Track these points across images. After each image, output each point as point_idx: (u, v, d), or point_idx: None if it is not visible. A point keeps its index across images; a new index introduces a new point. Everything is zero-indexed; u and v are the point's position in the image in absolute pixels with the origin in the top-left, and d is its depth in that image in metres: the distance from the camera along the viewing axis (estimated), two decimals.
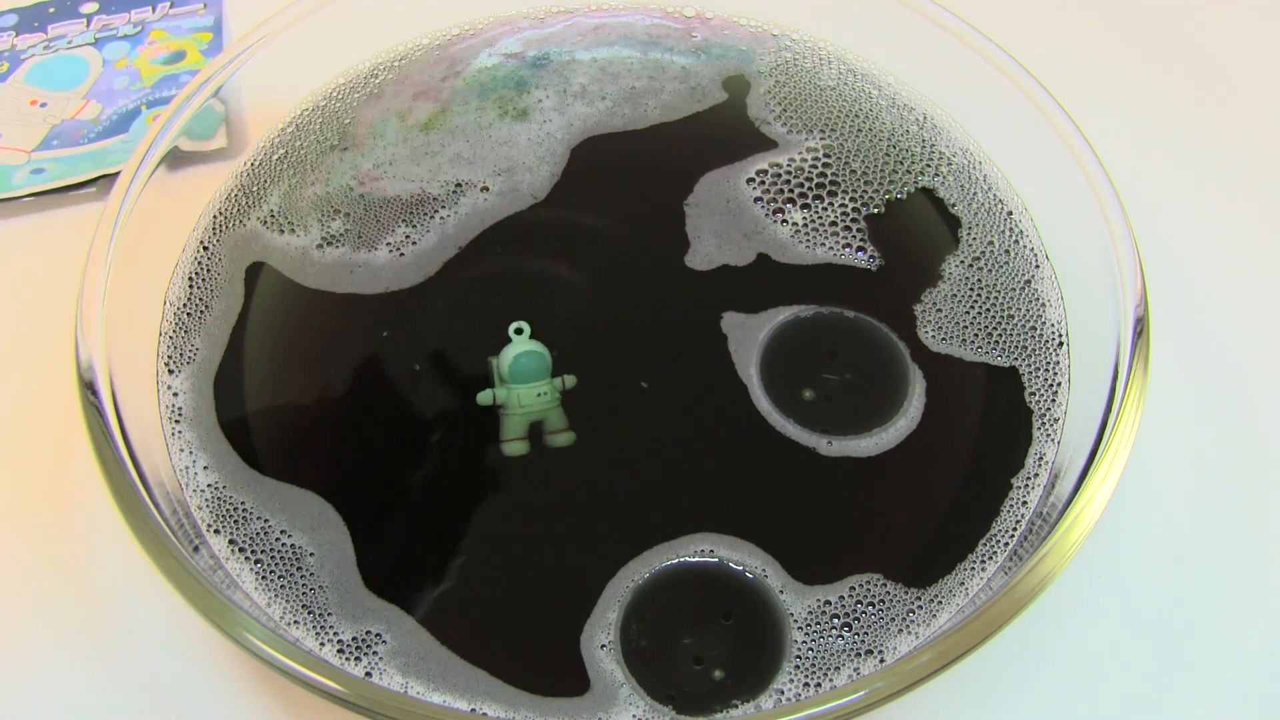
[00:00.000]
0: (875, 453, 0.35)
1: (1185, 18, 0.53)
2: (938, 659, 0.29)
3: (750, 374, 0.36)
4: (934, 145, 0.42)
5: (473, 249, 0.39)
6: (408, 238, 0.39)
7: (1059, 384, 0.36)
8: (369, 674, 0.31)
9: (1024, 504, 0.34)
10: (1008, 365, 0.37)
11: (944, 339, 0.37)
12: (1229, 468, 0.39)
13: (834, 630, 0.32)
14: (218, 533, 0.34)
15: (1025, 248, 0.39)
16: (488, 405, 0.35)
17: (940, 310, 0.38)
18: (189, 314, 0.38)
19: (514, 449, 0.35)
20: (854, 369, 0.37)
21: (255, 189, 0.41)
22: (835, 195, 0.40)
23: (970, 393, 0.36)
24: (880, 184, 0.40)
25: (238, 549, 0.33)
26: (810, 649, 0.32)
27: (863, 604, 0.32)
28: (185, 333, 0.37)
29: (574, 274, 0.39)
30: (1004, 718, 0.35)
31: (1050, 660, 0.36)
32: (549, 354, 0.36)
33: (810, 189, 0.40)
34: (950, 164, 0.41)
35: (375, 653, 0.32)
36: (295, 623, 0.32)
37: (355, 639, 0.32)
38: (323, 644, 0.32)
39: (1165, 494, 0.38)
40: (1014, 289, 0.38)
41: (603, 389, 0.36)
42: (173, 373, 0.36)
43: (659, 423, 0.36)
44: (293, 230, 0.40)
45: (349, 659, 0.32)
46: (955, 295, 0.38)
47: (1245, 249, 0.45)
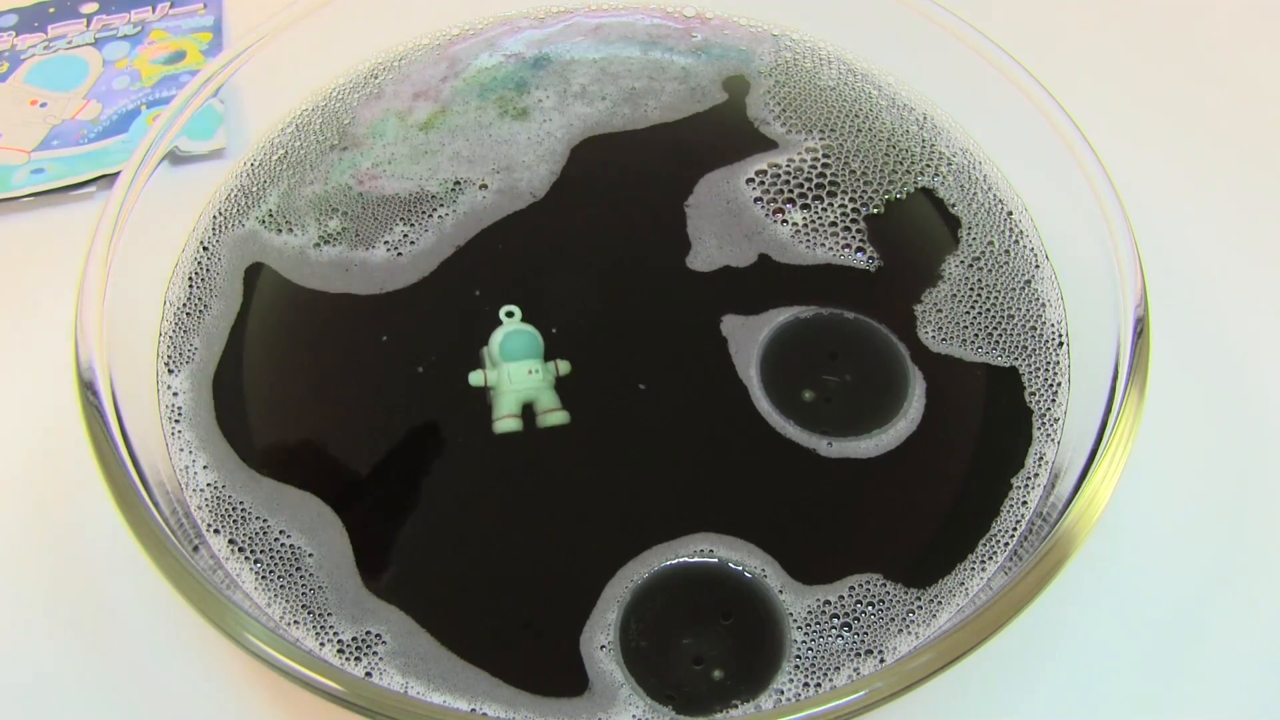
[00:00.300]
0: (875, 454, 0.35)
1: (1186, 18, 0.53)
2: (938, 659, 0.28)
3: (750, 375, 0.36)
4: (934, 145, 0.42)
5: (472, 248, 0.39)
6: (406, 236, 0.39)
7: (1059, 384, 0.36)
8: (369, 674, 0.31)
9: (1024, 504, 0.34)
10: (1008, 365, 0.37)
11: (944, 339, 0.37)
12: (1229, 467, 0.39)
13: (834, 630, 0.32)
14: (217, 532, 0.34)
15: (1025, 248, 0.39)
16: (479, 386, 0.36)
17: (940, 310, 0.38)
18: (188, 314, 0.38)
19: (504, 425, 0.35)
20: (854, 370, 0.37)
21: (255, 189, 0.41)
22: (835, 195, 0.40)
23: (970, 393, 0.36)
24: (880, 184, 0.40)
25: (237, 549, 0.33)
26: (810, 649, 0.32)
27: (863, 604, 0.32)
28: (185, 333, 0.37)
29: (575, 274, 0.39)
30: (1004, 718, 0.35)
31: (1050, 660, 0.36)
32: (539, 334, 0.36)
33: (810, 189, 0.40)
34: (950, 164, 0.41)
35: (375, 653, 0.32)
36: (295, 623, 0.32)
37: (355, 639, 0.32)
38: (323, 644, 0.32)
39: (1165, 494, 0.38)
40: (1014, 289, 0.38)
41: (603, 389, 0.36)
42: (172, 372, 0.36)
43: (659, 423, 0.36)
44: (290, 230, 0.40)
45: (349, 659, 0.31)
46: (955, 295, 0.38)
47: (1245, 249, 0.45)
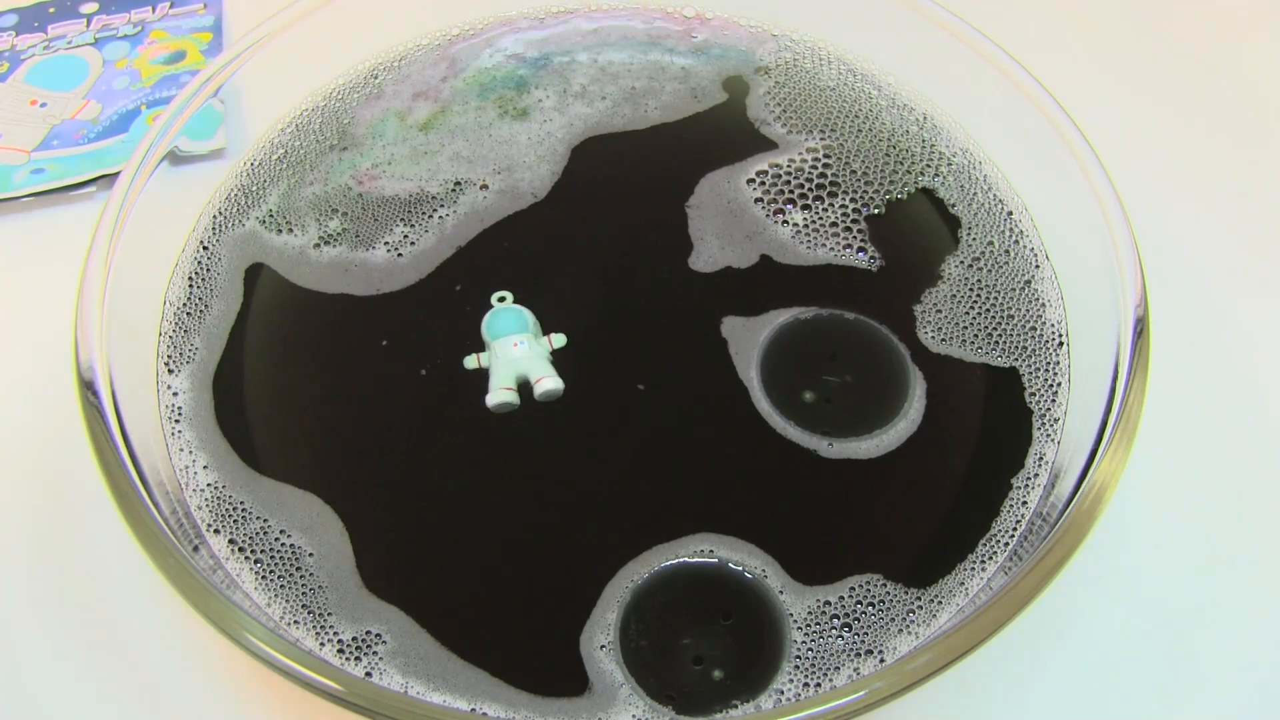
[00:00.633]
0: (875, 454, 0.35)
1: (1186, 18, 0.53)
2: (938, 659, 0.28)
3: (751, 376, 0.36)
4: (934, 145, 0.42)
5: (472, 249, 0.39)
6: (406, 237, 0.39)
7: (1059, 384, 0.36)
8: (369, 674, 0.31)
9: (1024, 504, 0.34)
10: (1008, 365, 0.37)
11: (944, 339, 0.37)
12: (1229, 467, 0.39)
13: (834, 630, 0.32)
14: (217, 532, 0.34)
15: (1025, 248, 0.39)
16: (474, 369, 0.36)
17: (940, 311, 0.38)
18: (189, 314, 0.38)
19: (496, 397, 0.35)
20: (854, 371, 0.37)
21: (255, 189, 0.41)
22: (835, 196, 0.40)
23: (970, 393, 0.36)
24: (880, 184, 0.40)
25: (237, 549, 0.33)
26: (810, 649, 0.31)
27: (863, 604, 0.32)
28: (185, 333, 0.37)
29: (576, 274, 0.39)
30: (1004, 718, 0.35)
31: (1050, 660, 0.36)
32: (528, 312, 0.37)
33: (810, 189, 0.40)
34: (950, 164, 0.41)
35: (375, 653, 0.32)
36: (295, 623, 0.32)
37: (355, 639, 0.32)
38: (323, 644, 0.32)
39: (1165, 494, 0.38)
40: (1014, 289, 0.38)
41: (605, 389, 0.36)
42: (172, 372, 0.36)
43: (659, 424, 0.36)
44: (290, 230, 0.40)
45: (349, 659, 0.31)
46: (955, 295, 0.38)
47: (1245, 249, 0.45)
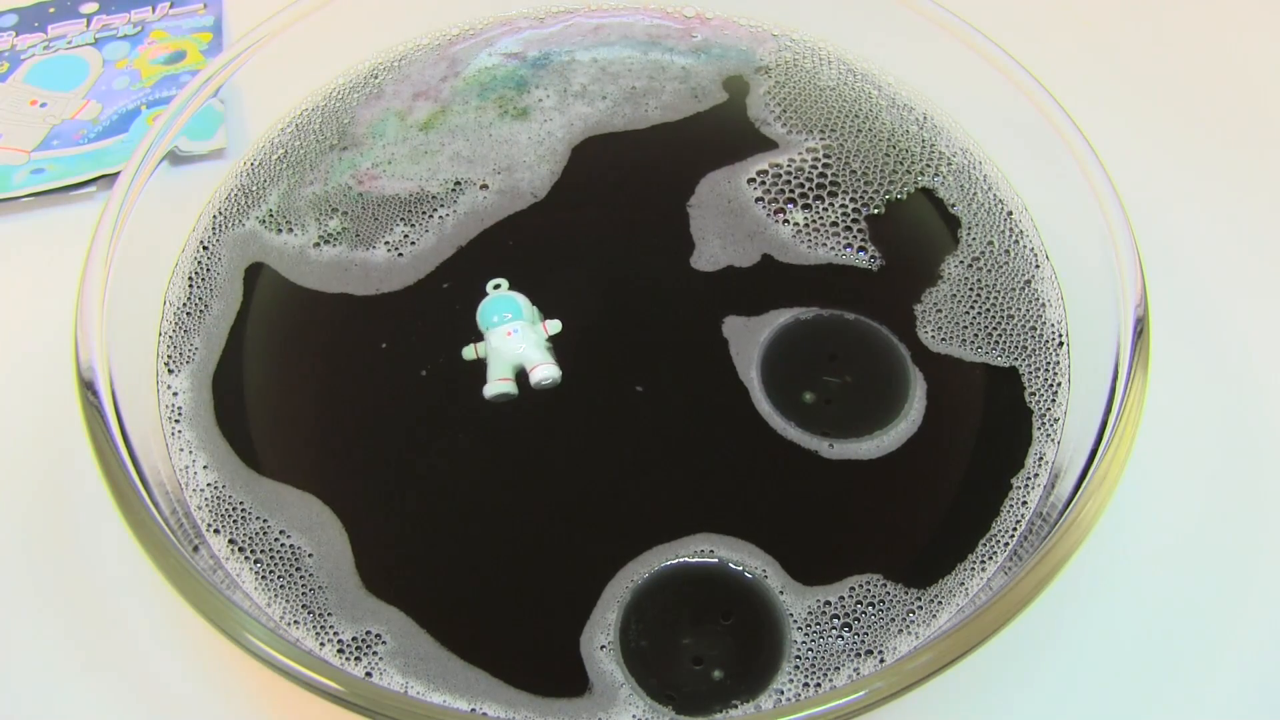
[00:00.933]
0: (876, 455, 0.35)
1: (1186, 18, 0.53)
2: (938, 659, 0.28)
3: (751, 377, 0.36)
4: (934, 145, 0.42)
5: (472, 248, 0.39)
6: (406, 237, 0.39)
7: (1059, 384, 0.36)
8: (369, 674, 0.31)
9: (1024, 504, 0.34)
10: (1008, 365, 0.37)
11: (944, 339, 0.37)
12: (1229, 467, 0.39)
13: (834, 630, 0.32)
14: (217, 532, 0.34)
15: (1025, 248, 0.39)
16: (471, 359, 0.36)
17: (940, 310, 0.38)
18: (188, 314, 0.38)
19: (495, 389, 0.35)
20: (854, 371, 0.37)
21: (255, 189, 0.41)
22: (836, 195, 0.40)
23: (970, 393, 0.36)
24: (880, 184, 0.40)
25: (237, 549, 0.33)
26: (810, 649, 0.31)
27: (863, 604, 0.32)
28: (185, 332, 0.37)
29: (577, 274, 0.39)
30: (1004, 718, 0.35)
31: (1050, 660, 0.36)
32: (523, 299, 0.37)
33: (811, 189, 0.40)
34: (950, 164, 0.41)
35: (375, 653, 0.32)
36: (295, 623, 0.32)
37: (355, 639, 0.32)
38: (323, 644, 0.32)
39: (1165, 494, 0.38)
40: (1014, 289, 0.38)
41: (606, 390, 0.36)
42: (172, 372, 0.36)
43: (660, 425, 0.36)
44: (290, 230, 0.40)
45: (349, 659, 0.31)
46: (955, 295, 0.38)
47: (1245, 249, 0.45)
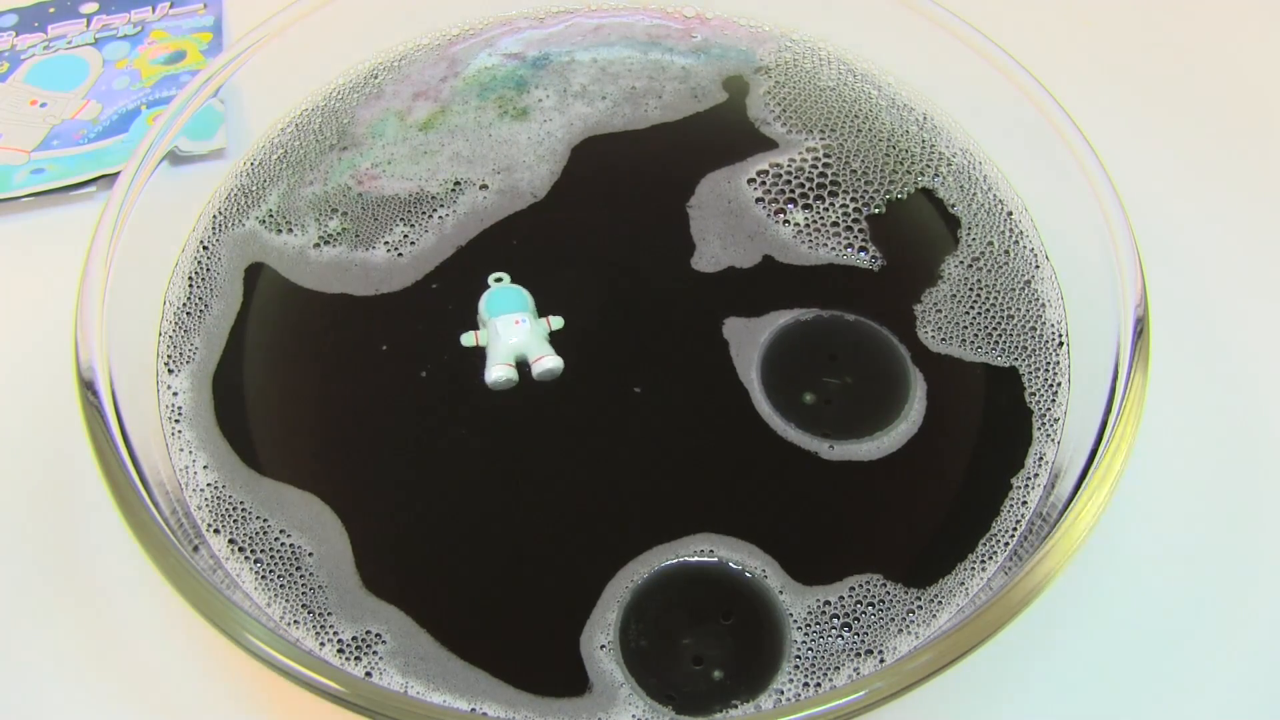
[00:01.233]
0: (876, 456, 0.35)
1: (1186, 18, 0.53)
2: (938, 659, 0.28)
3: (751, 378, 0.36)
4: (934, 145, 0.42)
5: (472, 248, 0.39)
6: (406, 237, 0.39)
7: (1059, 384, 0.36)
8: (369, 674, 0.31)
9: (1024, 504, 0.34)
10: (1008, 365, 0.37)
11: (944, 339, 0.37)
12: (1229, 467, 0.39)
13: (834, 630, 0.32)
14: (217, 532, 0.34)
15: (1025, 248, 0.39)
16: (470, 346, 0.36)
17: (940, 310, 0.38)
18: (188, 314, 0.38)
19: (497, 373, 0.35)
20: (855, 372, 0.37)
21: (255, 189, 0.41)
22: (836, 195, 0.40)
23: (970, 393, 0.36)
24: (880, 184, 0.40)
25: (237, 549, 0.33)
26: (810, 649, 0.31)
27: (863, 604, 0.32)
28: (185, 332, 0.37)
29: (577, 274, 0.39)
30: (1003, 718, 0.35)
31: (1050, 660, 0.36)
32: (526, 292, 0.37)
33: (811, 189, 0.40)
34: (950, 164, 0.41)
35: (375, 653, 0.32)
36: (295, 623, 0.32)
37: (355, 639, 0.32)
38: (323, 644, 0.32)
39: (1165, 494, 0.38)
40: (1014, 289, 0.38)
41: (606, 390, 0.36)
42: (172, 372, 0.36)
43: (660, 426, 0.36)
44: (290, 230, 0.40)
45: (349, 659, 0.31)
46: (955, 295, 0.38)
47: (1245, 249, 0.45)
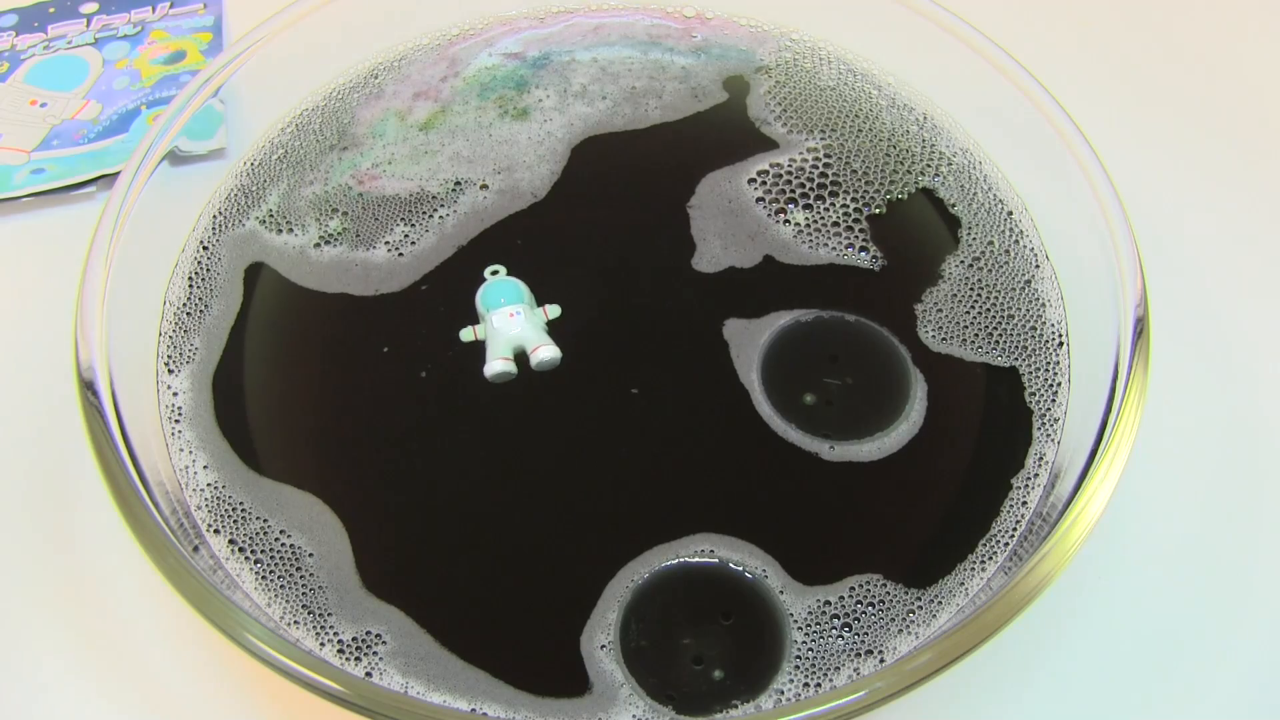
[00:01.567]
0: (877, 457, 0.35)
1: (1186, 18, 0.53)
2: (938, 659, 0.28)
3: (752, 379, 0.36)
4: (934, 145, 0.42)
5: (472, 248, 0.39)
6: (406, 237, 0.39)
7: (1059, 384, 0.36)
8: (369, 674, 0.31)
9: (1024, 504, 0.34)
10: (1008, 365, 0.37)
11: (944, 339, 0.37)
12: (1229, 467, 0.39)
13: (834, 630, 0.32)
14: (217, 533, 0.34)
15: (1025, 248, 0.39)
16: (469, 341, 0.36)
17: (940, 310, 0.38)
18: (188, 314, 0.38)
19: (495, 367, 0.35)
20: (855, 373, 0.37)
21: (255, 189, 0.41)
22: (836, 195, 0.40)
23: (970, 393, 0.36)
24: (881, 184, 0.40)
25: (237, 549, 0.33)
26: (810, 649, 0.31)
27: (863, 604, 0.32)
28: (185, 332, 0.37)
29: (578, 274, 0.39)
30: (1003, 718, 0.35)
31: (1050, 660, 0.36)
32: (522, 283, 0.37)
33: (811, 189, 0.40)
34: (950, 164, 0.41)
35: (375, 653, 0.32)
36: (295, 623, 0.32)
37: (355, 639, 0.32)
38: (323, 644, 0.32)
39: (1165, 494, 0.38)
40: (1014, 289, 0.38)
41: (607, 390, 0.36)
42: (172, 372, 0.36)
43: (660, 426, 0.36)
44: (290, 230, 0.40)
45: (349, 659, 0.31)
46: (955, 295, 0.38)
47: (1246, 249, 0.45)
